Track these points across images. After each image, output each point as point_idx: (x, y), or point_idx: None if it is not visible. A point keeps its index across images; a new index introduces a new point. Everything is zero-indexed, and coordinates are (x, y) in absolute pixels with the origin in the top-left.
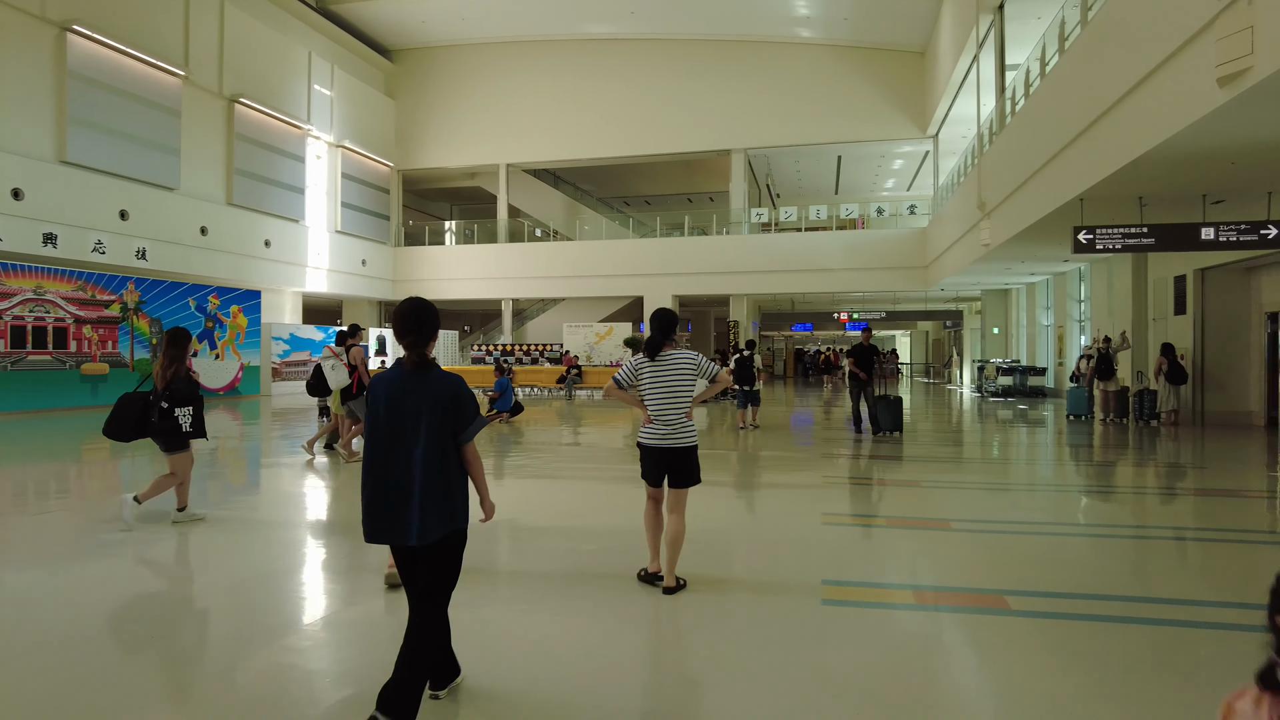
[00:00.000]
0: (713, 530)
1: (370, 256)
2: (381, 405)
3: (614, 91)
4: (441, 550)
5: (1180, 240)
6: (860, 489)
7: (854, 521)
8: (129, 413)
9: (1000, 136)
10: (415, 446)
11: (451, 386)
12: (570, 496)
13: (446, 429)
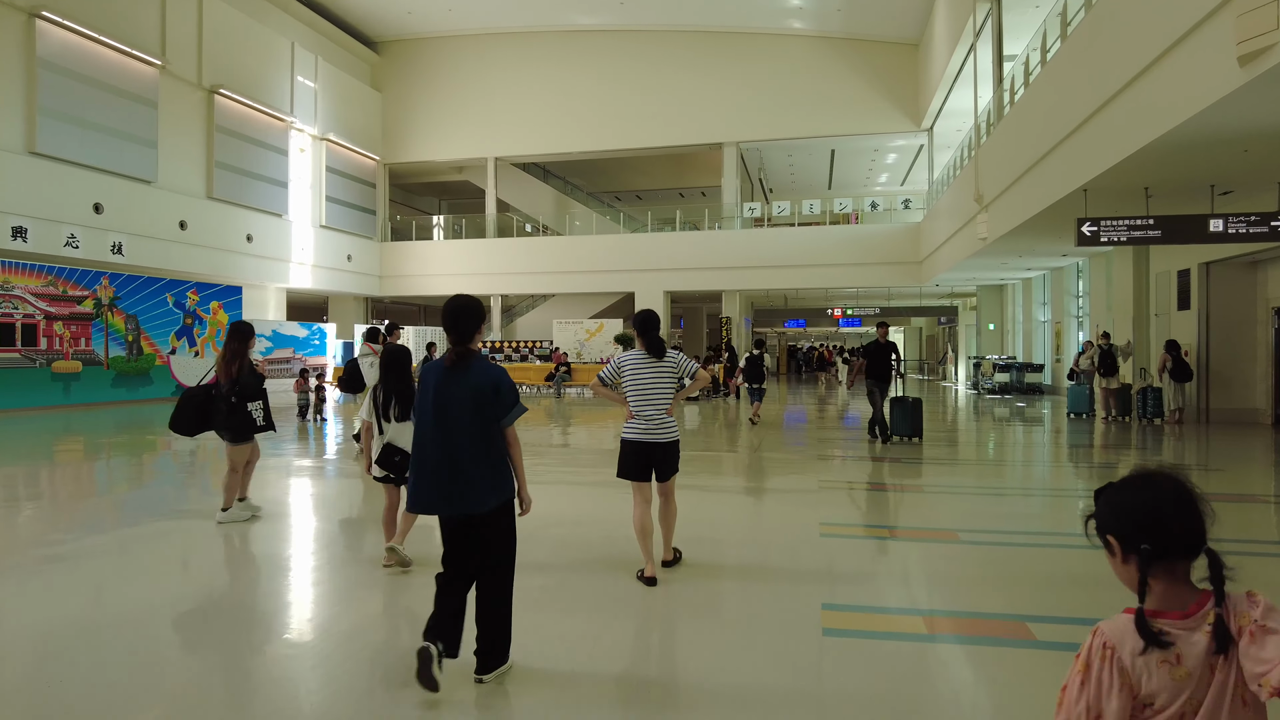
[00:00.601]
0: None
1: (356, 252)
2: (431, 392)
3: (604, 84)
4: (498, 516)
5: (1187, 232)
6: (884, 497)
7: (861, 533)
8: (191, 406)
9: (998, 128)
10: (462, 429)
11: (493, 376)
12: (565, 502)
13: (489, 413)
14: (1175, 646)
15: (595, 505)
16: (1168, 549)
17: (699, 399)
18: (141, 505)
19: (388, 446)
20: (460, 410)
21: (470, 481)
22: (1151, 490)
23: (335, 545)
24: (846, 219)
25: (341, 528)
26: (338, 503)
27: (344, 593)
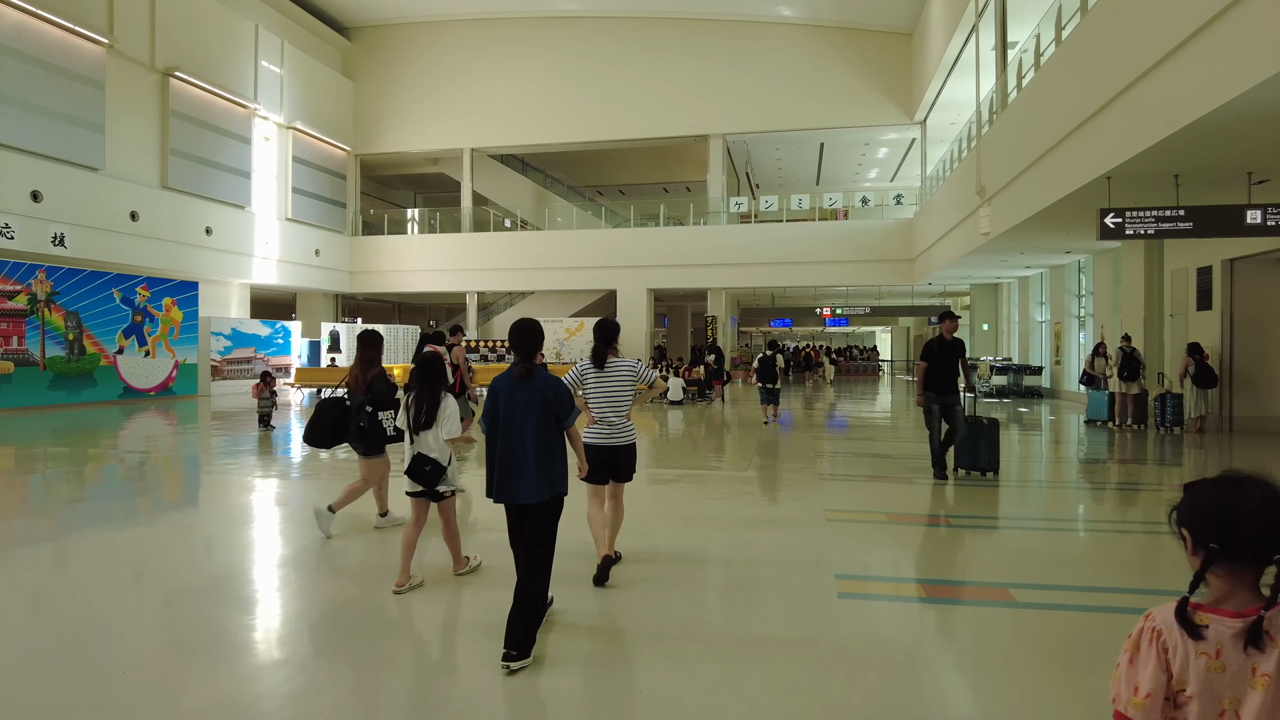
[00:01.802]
0: None
1: (325, 246)
2: (502, 399)
3: (585, 73)
4: (547, 507)
5: (1221, 224)
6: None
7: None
8: (326, 419)
9: (1004, 115)
10: (528, 430)
11: (553, 385)
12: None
13: (551, 416)
14: (1217, 641)
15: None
16: (1236, 552)
17: (683, 403)
18: (83, 519)
19: (418, 457)
20: (527, 415)
21: (531, 478)
22: (1235, 493)
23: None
24: (835, 215)
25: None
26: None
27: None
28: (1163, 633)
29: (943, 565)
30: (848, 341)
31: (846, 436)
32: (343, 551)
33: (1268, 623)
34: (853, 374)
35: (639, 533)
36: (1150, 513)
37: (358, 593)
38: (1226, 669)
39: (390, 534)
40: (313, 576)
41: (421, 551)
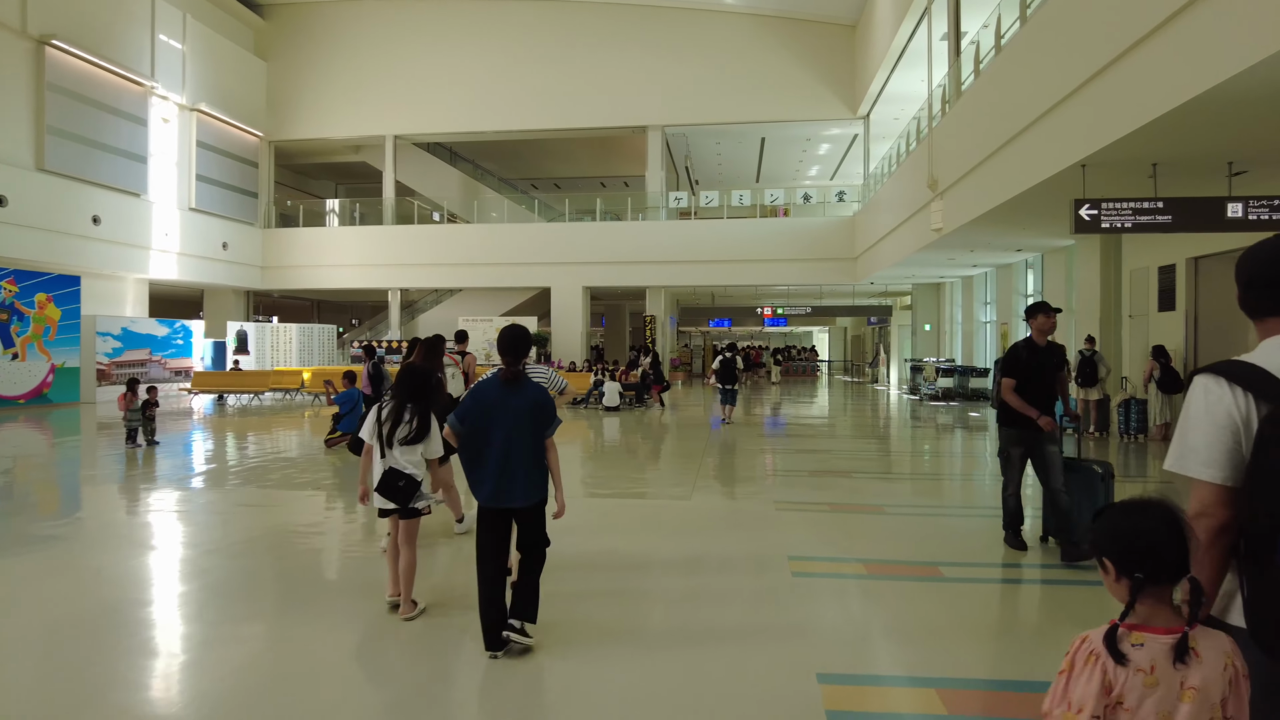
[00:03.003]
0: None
1: (234, 239)
2: (492, 405)
3: (518, 58)
4: (535, 509)
5: (1202, 218)
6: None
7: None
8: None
9: (960, 102)
10: (519, 436)
11: (543, 394)
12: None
13: (539, 424)
14: (1151, 658)
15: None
16: (1159, 579)
17: (619, 409)
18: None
19: (391, 472)
20: (517, 421)
21: (521, 483)
22: (1149, 521)
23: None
24: (776, 212)
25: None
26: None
27: None
28: (1101, 654)
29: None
30: (785, 341)
31: (808, 449)
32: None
33: (1192, 640)
34: (792, 374)
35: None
36: None
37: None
38: (1160, 684)
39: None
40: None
41: (424, 575)
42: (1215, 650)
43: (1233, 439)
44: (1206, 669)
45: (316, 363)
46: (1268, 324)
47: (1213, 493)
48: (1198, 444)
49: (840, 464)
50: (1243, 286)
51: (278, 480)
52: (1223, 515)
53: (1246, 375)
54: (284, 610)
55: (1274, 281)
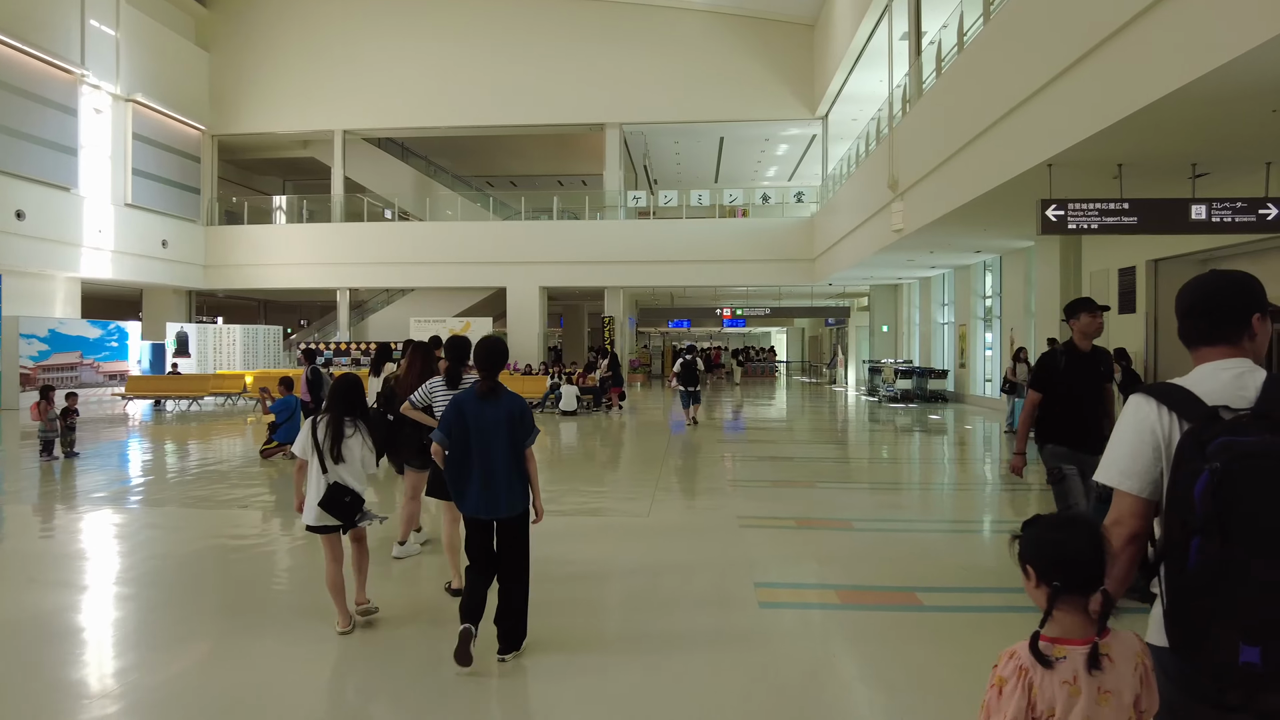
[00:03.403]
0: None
1: (174, 236)
2: (470, 416)
3: (473, 52)
4: (519, 520)
5: (1166, 220)
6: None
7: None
8: (375, 434)
9: (922, 101)
10: (499, 448)
11: (520, 404)
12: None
13: (518, 435)
14: (1073, 669)
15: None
16: (1075, 588)
17: (576, 413)
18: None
19: (336, 487)
20: (496, 432)
21: (504, 491)
22: (1070, 535)
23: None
24: (735, 213)
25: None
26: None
27: None
28: (1028, 670)
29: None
30: (743, 342)
31: (770, 454)
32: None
33: (1104, 647)
34: (751, 375)
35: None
36: None
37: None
38: (1083, 692)
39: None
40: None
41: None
42: (1126, 652)
43: (1153, 454)
44: (1120, 671)
45: (262, 366)
46: (1201, 352)
47: (1129, 503)
48: (1120, 456)
49: (804, 473)
50: (1181, 316)
51: (202, 496)
52: (1134, 525)
53: (1173, 396)
54: (214, 649)
55: (1207, 313)
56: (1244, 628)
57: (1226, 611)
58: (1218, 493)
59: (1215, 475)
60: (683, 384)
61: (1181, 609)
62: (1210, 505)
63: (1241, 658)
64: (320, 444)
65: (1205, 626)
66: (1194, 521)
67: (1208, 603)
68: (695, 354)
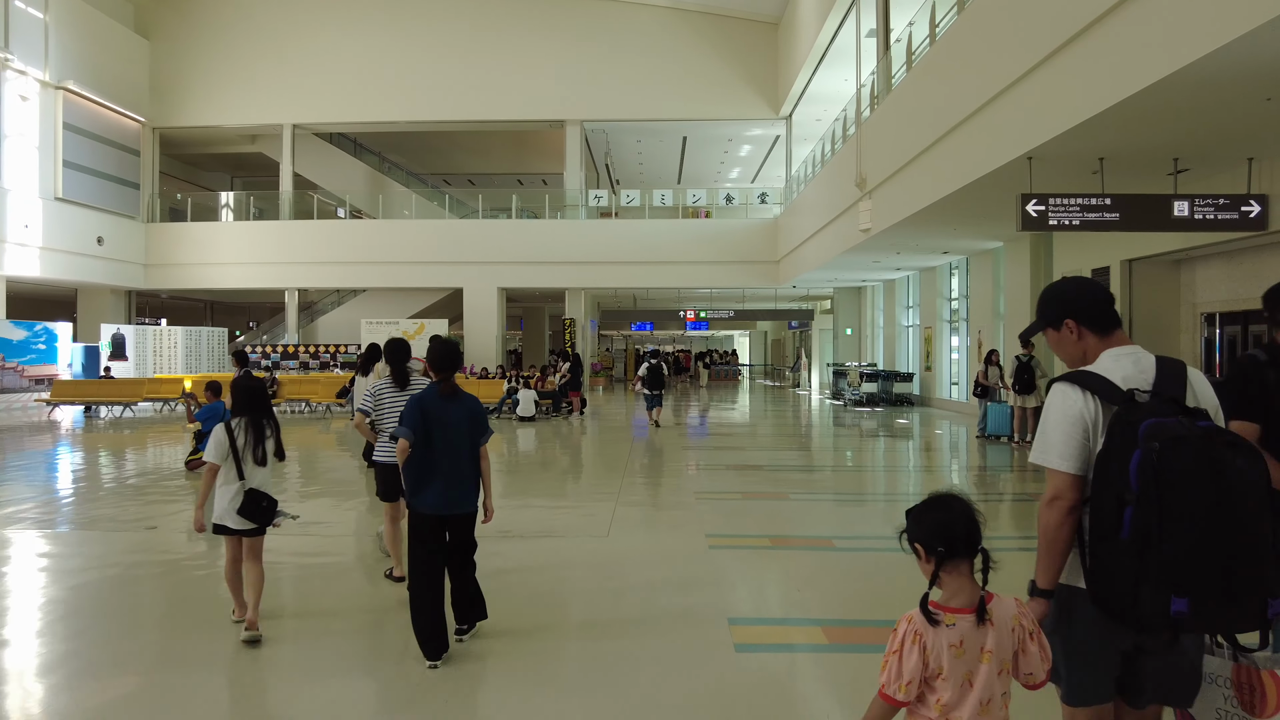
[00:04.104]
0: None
1: (111, 233)
2: (434, 415)
3: (429, 45)
4: (474, 515)
5: (1148, 216)
6: None
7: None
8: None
9: (892, 97)
10: (461, 447)
11: (478, 405)
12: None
13: (476, 434)
14: (960, 633)
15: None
16: (955, 551)
17: (534, 419)
18: None
19: (254, 494)
20: (459, 431)
21: (466, 488)
22: (945, 509)
23: None
24: (698, 214)
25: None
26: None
27: None
28: (922, 634)
29: None
30: (706, 345)
31: (739, 463)
32: None
33: (990, 609)
34: (715, 378)
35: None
36: None
37: None
38: (966, 652)
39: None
40: None
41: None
42: (1005, 615)
43: (1083, 436)
44: (999, 633)
45: (205, 369)
46: (1105, 339)
47: (1066, 480)
48: (1055, 440)
49: (777, 483)
50: (1088, 306)
51: (102, 516)
52: (1073, 498)
53: (1094, 383)
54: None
55: (1109, 302)
56: (1173, 583)
57: (1157, 571)
58: (1152, 470)
59: (1151, 455)
60: (647, 387)
61: (1111, 570)
62: (1145, 481)
63: (1173, 608)
64: (239, 448)
65: (1135, 585)
66: (1129, 495)
67: (1138, 564)
68: (659, 358)
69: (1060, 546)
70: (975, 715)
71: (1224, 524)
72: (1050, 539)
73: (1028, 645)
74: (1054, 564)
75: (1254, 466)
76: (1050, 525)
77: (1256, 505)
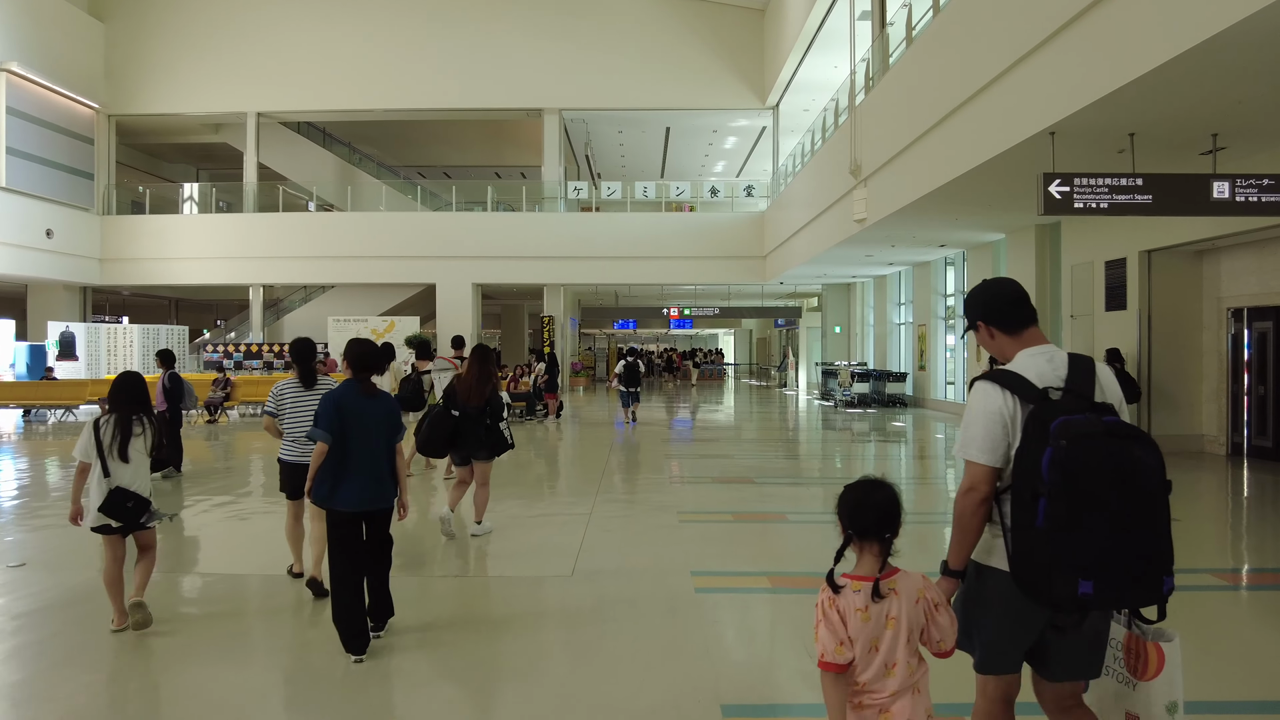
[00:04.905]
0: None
1: (62, 226)
2: (351, 413)
3: (401, 30)
4: (389, 510)
5: (1184, 199)
6: None
7: None
8: (440, 431)
9: (890, 75)
10: (379, 444)
11: (394, 403)
12: None
13: (393, 432)
14: (865, 600)
15: None
16: (865, 531)
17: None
18: None
19: (119, 492)
20: (378, 429)
21: (384, 484)
22: (866, 493)
23: None
24: (681, 208)
25: None
26: None
27: None
28: (835, 600)
29: None
30: (690, 344)
31: (728, 475)
32: None
33: (890, 583)
34: (704, 377)
35: None
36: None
37: None
38: (872, 618)
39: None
40: None
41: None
42: (910, 588)
43: (1002, 431)
44: (904, 603)
45: (151, 370)
46: (1021, 337)
47: (982, 472)
48: (976, 435)
49: (771, 500)
50: (1004, 305)
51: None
52: (986, 489)
53: (1012, 381)
54: None
55: (1025, 302)
56: (1081, 567)
57: (1067, 556)
58: (1061, 465)
59: (1060, 451)
60: (624, 384)
61: (1029, 556)
62: (1055, 475)
63: (1080, 590)
64: (104, 445)
65: (1048, 569)
66: (1041, 488)
67: (1051, 550)
68: (637, 356)
69: (973, 533)
70: (880, 677)
71: (1126, 512)
72: (964, 526)
73: (935, 615)
74: (965, 547)
75: (1151, 456)
76: (964, 513)
77: (1154, 492)
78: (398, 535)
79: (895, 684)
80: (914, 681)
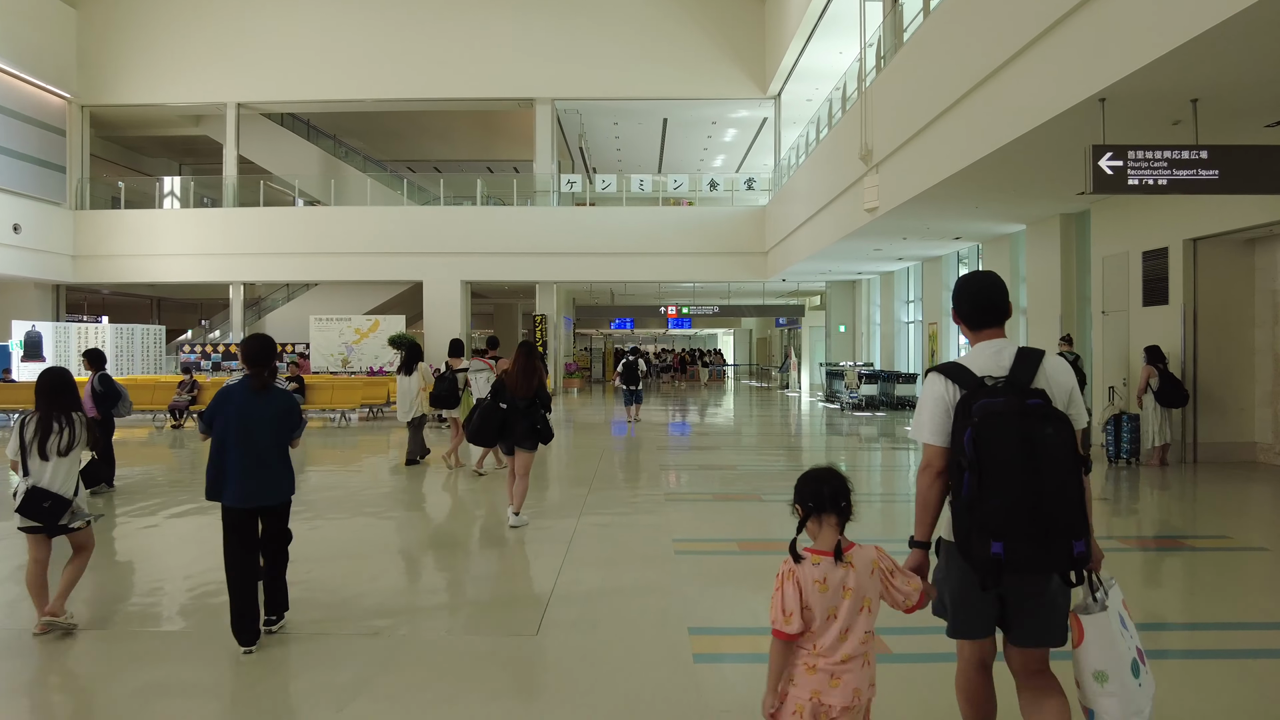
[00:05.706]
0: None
1: (31, 220)
2: (236, 409)
3: (387, 17)
4: (285, 506)
5: (1255, 175)
6: None
7: None
8: (491, 422)
9: (906, 49)
10: (270, 439)
11: (290, 400)
12: None
13: (285, 430)
14: (824, 571)
15: None
16: (821, 508)
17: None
18: None
19: (35, 492)
20: (266, 427)
21: (275, 483)
22: (820, 477)
23: None
24: (679, 203)
25: None
26: None
27: None
28: (796, 572)
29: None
30: (689, 344)
31: (730, 490)
32: None
33: (848, 557)
34: (713, 377)
35: None
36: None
37: None
38: (830, 588)
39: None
40: None
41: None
42: (864, 560)
43: (944, 415)
44: (859, 574)
45: (139, 370)
46: (981, 334)
47: (933, 451)
48: (925, 419)
49: (779, 524)
50: (970, 306)
51: None
52: (939, 465)
53: (955, 372)
54: None
55: (993, 304)
56: (991, 530)
57: (981, 521)
58: (974, 441)
59: (974, 429)
60: (625, 383)
61: (959, 522)
62: (971, 450)
63: (991, 549)
64: (25, 443)
65: (969, 533)
66: (965, 462)
67: (970, 516)
68: (638, 355)
69: (931, 506)
70: (835, 642)
71: (1032, 481)
72: (923, 500)
73: (892, 580)
74: (926, 520)
75: (1061, 433)
76: (922, 488)
77: (1062, 464)
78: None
79: (848, 649)
80: (864, 650)
